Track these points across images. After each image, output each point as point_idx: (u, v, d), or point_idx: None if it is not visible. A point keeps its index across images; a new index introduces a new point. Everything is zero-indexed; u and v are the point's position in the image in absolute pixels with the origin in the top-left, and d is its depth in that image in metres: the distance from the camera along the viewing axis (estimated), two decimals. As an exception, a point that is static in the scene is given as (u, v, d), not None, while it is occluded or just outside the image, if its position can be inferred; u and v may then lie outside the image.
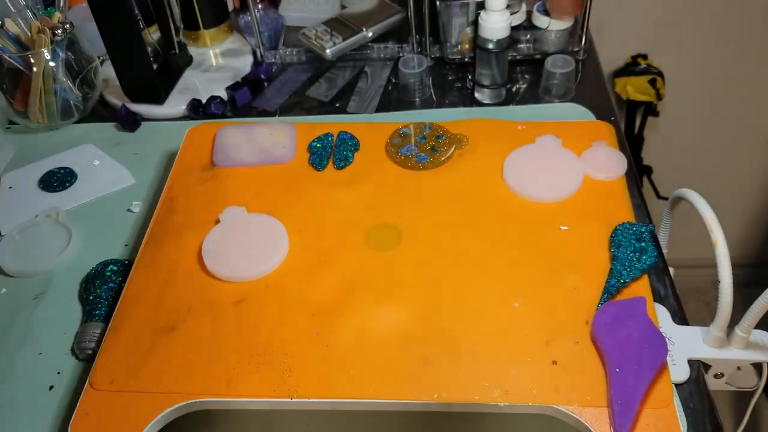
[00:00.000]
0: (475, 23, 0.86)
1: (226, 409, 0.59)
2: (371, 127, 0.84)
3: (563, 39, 0.96)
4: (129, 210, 0.82)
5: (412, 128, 0.83)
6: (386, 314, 0.63)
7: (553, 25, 0.94)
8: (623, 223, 0.69)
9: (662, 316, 0.63)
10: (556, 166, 0.76)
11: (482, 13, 0.84)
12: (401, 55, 0.99)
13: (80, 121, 0.96)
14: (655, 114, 1.36)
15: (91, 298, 0.70)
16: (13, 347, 0.68)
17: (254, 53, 1.03)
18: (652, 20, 1.28)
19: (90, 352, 0.66)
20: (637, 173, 1.40)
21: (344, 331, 0.62)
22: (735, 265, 0.56)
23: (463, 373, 0.58)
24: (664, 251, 0.72)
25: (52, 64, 0.88)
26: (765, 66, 1.33)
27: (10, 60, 0.87)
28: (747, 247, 1.70)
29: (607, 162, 0.76)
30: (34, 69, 0.87)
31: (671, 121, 1.42)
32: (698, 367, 0.60)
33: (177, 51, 0.99)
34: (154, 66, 0.92)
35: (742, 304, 0.57)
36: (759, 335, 0.61)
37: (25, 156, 0.90)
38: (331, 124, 0.85)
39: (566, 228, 0.70)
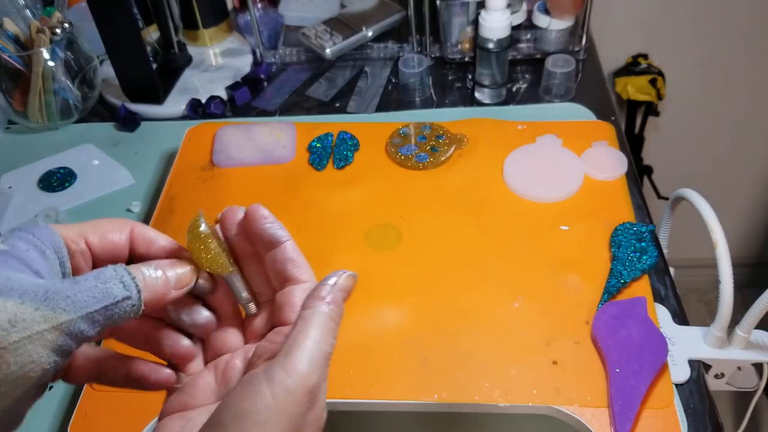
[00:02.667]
0: (476, 22, 0.86)
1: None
2: (371, 127, 0.84)
3: (564, 38, 0.96)
4: (129, 210, 0.81)
5: (412, 128, 0.83)
6: (386, 314, 0.63)
7: (554, 25, 0.94)
8: (624, 223, 0.69)
9: (662, 316, 0.63)
10: (556, 166, 0.76)
11: (482, 12, 0.83)
12: (401, 54, 0.99)
13: (80, 120, 0.95)
14: (656, 114, 1.36)
15: (91, 298, 0.70)
16: (13, 347, 0.68)
17: (254, 53, 1.03)
18: (653, 20, 1.27)
19: (89, 352, 0.65)
20: (638, 173, 1.40)
21: (344, 331, 0.62)
22: (735, 265, 0.56)
23: (463, 373, 0.58)
24: (665, 251, 0.72)
25: (51, 63, 0.88)
26: (765, 65, 1.33)
27: (9, 60, 0.87)
28: (747, 247, 1.70)
29: (607, 162, 0.75)
30: (34, 69, 0.87)
31: (672, 121, 1.42)
32: (699, 367, 0.60)
33: (176, 50, 0.99)
34: (154, 65, 0.92)
35: (742, 304, 0.57)
36: (759, 335, 0.61)
37: (24, 156, 0.90)
38: (331, 123, 0.85)
39: (566, 228, 0.70)
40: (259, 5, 1.04)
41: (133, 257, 0.35)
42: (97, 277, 0.30)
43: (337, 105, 0.93)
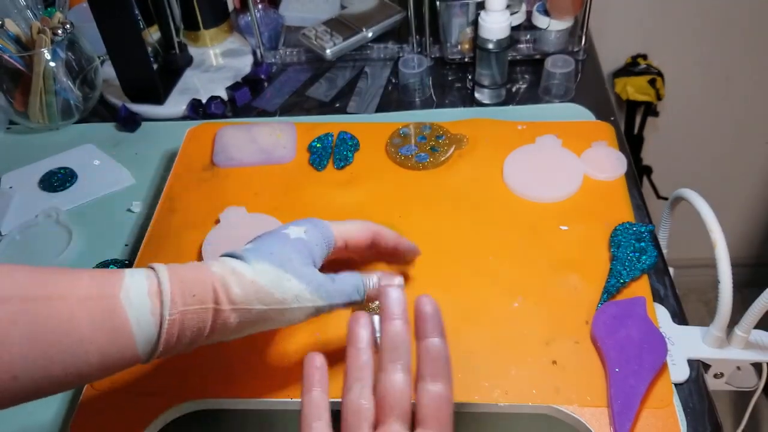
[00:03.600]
0: (475, 23, 0.86)
1: (225, 409, 0.59)
2: (371, 127, 0.84)
3: (563, 39, 0.96)
4: (129, 210, 0.82)
5: (412, 128, 0.83)
6: (386, 314, 0.63)
7: (553, 25, 0.94)
8: (623, 223, 0.69)
9: (662, 316, 0.63)
10: (556, 166, 0.76)
11: (482, 13, 0.83)
12: (401, 55, 0.99)
13: (80, 121, 0.96)
14: (655, 114, 1.36)
15: (92, 298, 0.70)
16: (14, 347, 0.68)
17: (254, 53, 1.03)
18: (652, 20, 1.28)
19: (90, 352, 0.66)
20: (637, 173, 1.40)
21: (344, 331, 0.62)
22: (734, 265, 0.56)
23: (462, 372, 0.58)
24: (664, 251, 0.72)
25: (52, 64, 0.88)
26: (765, 65, 1.33)
27: (10, 60, 0.87)
28: (747, 247, 1.70)
29: (606, 162, 0.76)
30: (35, 69, 0.87)
31: (671, 121, 1.42)
32: (698, 367, 0.60)
33: (177, 51, 0.99)
34: (154, 66, 0.92)
35: (741, 304, 0.57)
36: (759, 335, 0.61)
37: (25, 156, 0.90)
38: (331, 124, 0.85)
39: (566, 228, 0.70)
40: (260, 6, 1.04)
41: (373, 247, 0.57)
42: (346, 281, 0.51)
43: (337, 105, 0.93)
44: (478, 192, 0.75)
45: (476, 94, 0.91)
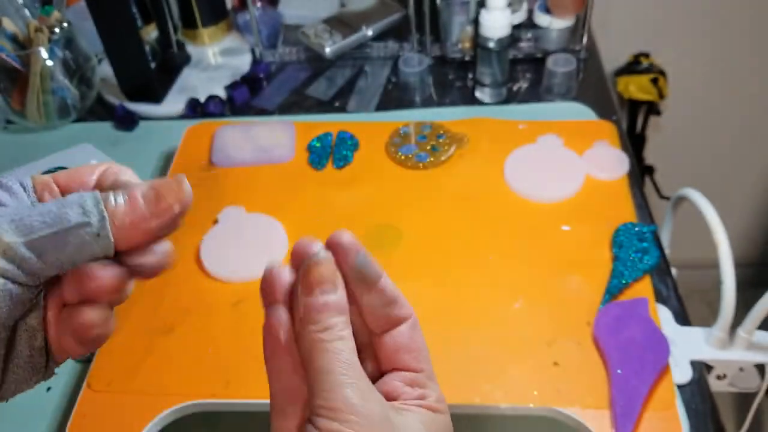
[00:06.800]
0: (476, 21, 0.86)
1: (224, 410, 0.59)
2: (371, 127, 0.83)
3: (565, 37, 0.95)
4: (127, 210, 0.81)
5: (413, 127, 0.82)
6: (386, 315, 0.63)
7: (555, 24, 0.93)
8: (625, 223, 0.68)
9: (664, 316, 0.63)
10: (557, 165, 0.75)
11: (483, 11, 0.83)
12: (401, 53, 0.98)
13: (78, 120, 0.95)
14: (658, 113, 1.35)
15: (89, 298, 0.70)
16: (10, 348, 0.67)
17: (253, 52, 1.02)
18: (655, 18, 1.27)
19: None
20: (639, 173, 1.39)
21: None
22: (738, 266, 0.56)
23: (463, 374, 0.58)
24: (667, 251, 0.72)
25: (49, 63, 0.87)
26: None
27: (8, 59, 0.86)
28: (750, 247, 1.70)
29: (608, 161, 0.75)
30: (32, 68, 0.87)
31: (673, 120, 1.41)
32: (701, 368, 0.60)
33: (175, 49, 0.98)
34: (152, 65, 0.92)
35: (744, 305, 0.57)
36: (762, 336, 0.60)
37: (22, 156, 0.89)
38: (331, 123, 0.84)
39: (568, 228, 0.69)
40: (259, 4, 1.03)
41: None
42: (58, 201, 0.27)
43: (337, 104, 0.93)
44: (479, 192, 0.74)
45: (477, 93, 0.91)
